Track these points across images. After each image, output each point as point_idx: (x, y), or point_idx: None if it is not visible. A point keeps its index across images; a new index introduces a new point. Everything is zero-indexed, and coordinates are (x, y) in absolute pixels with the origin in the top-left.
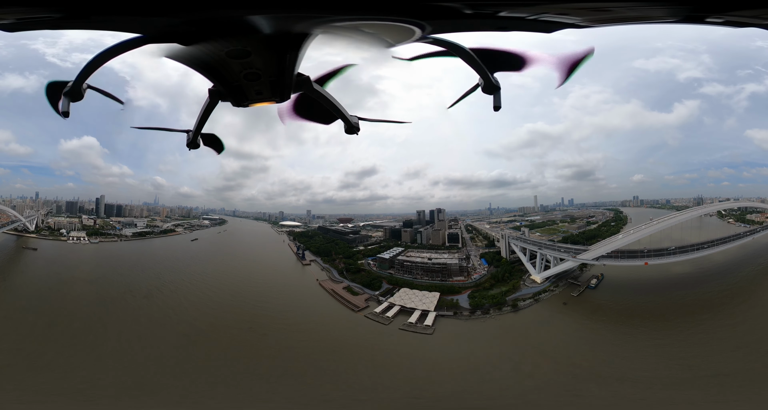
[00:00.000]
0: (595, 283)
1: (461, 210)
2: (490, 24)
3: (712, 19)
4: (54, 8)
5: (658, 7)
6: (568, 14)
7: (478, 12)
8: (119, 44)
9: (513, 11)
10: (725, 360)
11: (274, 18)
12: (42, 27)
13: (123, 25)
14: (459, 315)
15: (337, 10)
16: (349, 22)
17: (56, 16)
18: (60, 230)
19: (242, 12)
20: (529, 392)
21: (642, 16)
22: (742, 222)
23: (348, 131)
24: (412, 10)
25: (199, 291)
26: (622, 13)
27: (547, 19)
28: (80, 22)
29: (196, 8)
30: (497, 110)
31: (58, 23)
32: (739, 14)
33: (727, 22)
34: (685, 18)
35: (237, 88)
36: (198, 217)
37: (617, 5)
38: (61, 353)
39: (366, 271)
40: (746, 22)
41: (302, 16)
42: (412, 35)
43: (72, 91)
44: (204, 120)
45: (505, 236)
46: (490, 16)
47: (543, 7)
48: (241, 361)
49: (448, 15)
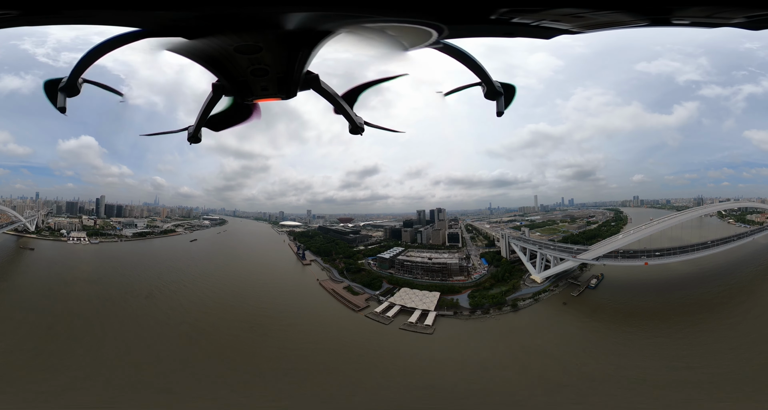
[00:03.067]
0: (595, 283)
1: (461, 210)
2: (502, 30)
3: (677, 20)
4: (8, 6)
5: (623, 12)
6: (560, 21)
7: (499, 18)
8: (116, 38)
9: (523, 18)
10: (725, 361)
11: (302, 15)
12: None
13: (118, 20)
14: (459, 314)
15: (372, 10)
16: (378, 24)
17: (13, 13)
18: (60, 231)
19: (274, 9)
20: (529, 392)
21: (613, 21)
22: (743, 222)
23: (353, 131)
24: (439, 12)
25: (200, 292)
26: (595, 19)
27: (546, 25)
28: (49, 17)
29: (218, 3)
30: (500, 116)
31: (16, 21)
32: (694, 14)
33: (693, 23)
34: (652, 21)
35: (242, 84)
36: (198, 217)
37: (588, 12)
38: (62, 353)
39: (366, 271)
40: (708, 22)
41: (336, 15)
42: (428, 39)
43: (67, 87)
44: (206, 114)
45: (505, 236)
46: (505, 22)
47: (542, 14)
48: (242, 361)
49: (467, 19)
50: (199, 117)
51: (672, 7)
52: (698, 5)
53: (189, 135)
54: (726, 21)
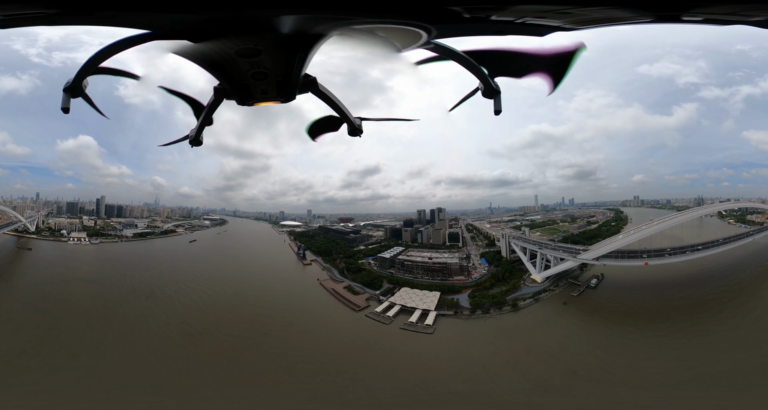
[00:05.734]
0: (596, 283)
1: (462, 209)
2: (487, 28)
3: (688, 17)
4: (51, 4)
5: (621, 9)
6: (545, 17)
7: (474, 16)
8: (124, 40)
9: (501, 15)
10: (725, 360)
11: (295, 18)
12: (35, 23)
13: (130, 21)
14: (459, 314)
15: (358, 12)
16: (368, 25)
17: (51, 11)
18: (60, 231)
19: (270, 12)
20: (529, 392)
21: (610, 17)
22: (743, 223)
23: (351, 133)
24: (422, 13)
25: (201, 291)
26: (586, 15)
27: (533, 22)
28: (81, 18)
29: (221, 6)
30: (498, 114)
31: (53, 19)
32: (715, 11)
33: (707, 19)
34: (658, 17)
35: (243, 87)
36: (198, 217)
37: (571, 8)
38: (63, 353)
39: (367, 270)
40: (726, 19)
41: (326, 18)
42: (418, 39)
43: (72, 88)
44: (207, 117)
45: (505, 236)
46: (484, 20)
47: (521, 10)
48: (243, 361)
49: (450, 19)
50: (201, 120)
51: (696, 3)
52: (724, 3)
53: (191, 138)
54: (746, 19)
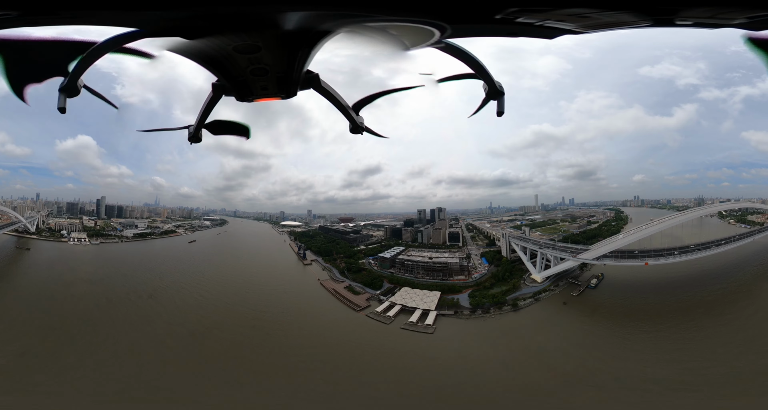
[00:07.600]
0: (596, 283)
1: (462, 209)
2: (503, 30)
3: (680, 21)
4: (7, 5)
5: (626, 12)
6: (564, 21)
7: (504, 17)
8: (115, 38)
9: (528, 17)
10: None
11: (301, 15)
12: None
13: (113, 20)
14: (459, 314)
15: (376, 9)
16: (380, 23)
17: (12, 14)
18: (61, 232)
19: (274, 8)
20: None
21: (616, 21)
22: (743, 223)
23: (353, 130)
24: (444, 11)
25: (202, 292)
26: (599, 19)
27: (550, 25)
28: (47, 18)
29: (215, 3)
30: (500, 116)
31: (15, 22)
32: (699, 15)
33: (696, 23)
34: (655, 21)
35: (242, 83)
36: (199, 218)
37: (593, 12)
38: (64, 352)
39: (367, 270)
40: (711, 22)
41: (337, 14)
42: (430, 38)
43: (68, 88)
44: (206, 114)
45: (505, 235)
46: (509, 22)
47: (549, 14)
48: (243, 360)
49: (470, 19)
50: (200, 117)
51: (678, 7)
52: (704, 5)
53: (189, 135)
54: (728, 21)
